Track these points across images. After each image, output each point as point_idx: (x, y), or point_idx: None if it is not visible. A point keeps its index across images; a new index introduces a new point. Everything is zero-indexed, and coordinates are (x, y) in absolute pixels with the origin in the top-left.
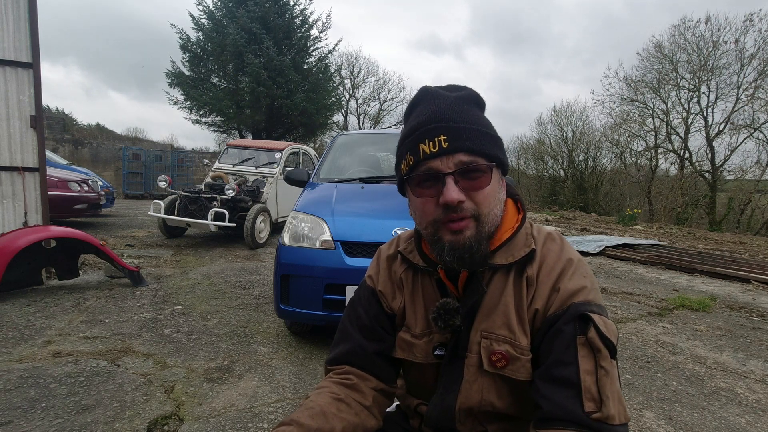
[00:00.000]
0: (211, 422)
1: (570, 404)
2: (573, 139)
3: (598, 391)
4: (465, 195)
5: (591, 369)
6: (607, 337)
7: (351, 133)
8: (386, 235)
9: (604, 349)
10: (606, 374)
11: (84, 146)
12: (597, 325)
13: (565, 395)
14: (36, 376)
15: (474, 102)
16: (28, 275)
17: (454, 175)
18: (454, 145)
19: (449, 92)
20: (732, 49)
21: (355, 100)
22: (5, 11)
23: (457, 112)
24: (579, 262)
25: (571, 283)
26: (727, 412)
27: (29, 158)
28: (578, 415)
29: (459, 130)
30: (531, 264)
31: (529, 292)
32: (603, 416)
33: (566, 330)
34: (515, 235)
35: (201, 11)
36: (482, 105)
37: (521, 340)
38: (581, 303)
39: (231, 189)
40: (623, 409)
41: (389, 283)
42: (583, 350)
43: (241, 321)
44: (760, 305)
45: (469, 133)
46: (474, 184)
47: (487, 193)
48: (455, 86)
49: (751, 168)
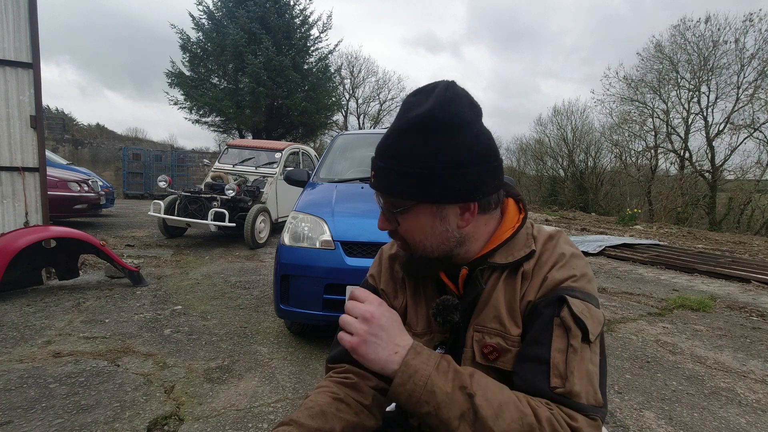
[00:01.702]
0: (211, 422)
1: (538, 380)
2: (573, 139)
3: (565, 368)
4: (396, 225)
5: (562, 348)
6: (580, 318)
7: (351, 133)
8: (386, 235)
9: (575, 328)
10: (575, 352)
11: (84, 146)
12: (570, 305)
13: (534, 372)
14: (36, 376)
15: (426, 128)
16: (28, 275)
17: (382, 207)
18: (376, 184)
19: (421, 102)
20: (732, 49)
21: (355, 100)
22: (5, 11)
23: (391, 146)
24: (572, 255)
25: (559, 273)
26: (727, 412)
27: (29, 158)
28: (544, 390)
29: (381, 170)
30: (528, 261)
31: (523, 285)
32: (565, 391)
33: (545, 312)
34: (515, 234)
35: (201, 11)
36: (444, 126)
37: (512, 330)
38: (564, 288)
39: (231, 189)
40: (593, 390)
41: (391, 282)
42: (558, 330)
43: (241, 321)
44: (760, 305)
45: (389, 174)
46: (395, 219)
47: (404, 230)
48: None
49: (751, 168)
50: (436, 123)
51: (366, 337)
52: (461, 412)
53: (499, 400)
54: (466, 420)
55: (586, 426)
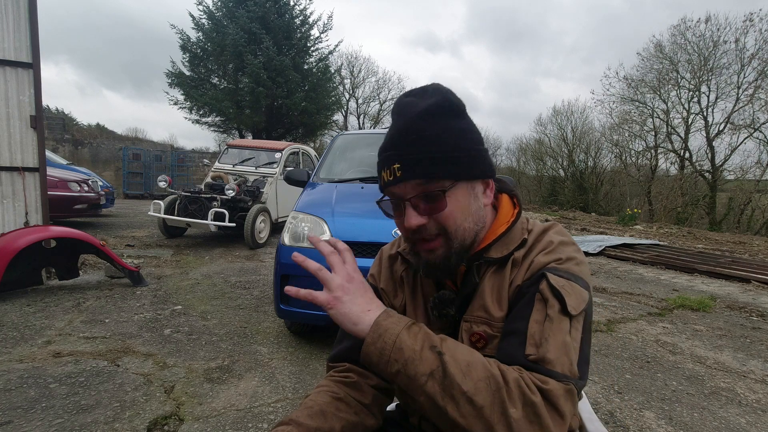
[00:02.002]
0: (211, 422)
1: (513, 350)
2: (573, 139)
3: (540, 337)
4: (427, 217)
5: (540, 319)
6: (557, 289)
7: (351, 133)
8: (386, 235)
9: (552, 299)
10: (551, 322)
11: (84, 146)
12: (549, 279)
13: (513, 343)
14: (36, 376)
15: (443, 112)
16: (28, 275)
17: (411, 200)
18: (406, 174)
19: (420, 100)
20: (732, 48)
21: (355, 100)
22: (5, 11)
23: (414, 133)
24: (561, 243)
25: (545, 258)
26: (727, 412)
27: (29, 158)
28: (517, 358)
29: (411, 157)
30: (519, 249)
31: (512, 273)
32: (538, 357)
33: (529, 291)
34: (510, 229)
35: (201, 11)
36: (455, 111)
37: (496, 314)
38: (548, 268)
39: (231, 189)
40: (568, 362)
41: (391, 281)
42: (538, 304)
43: (241, 321)
44: (760, 305)
45: (422, 159)
46: (433, 207)
47: (448, 212)
48: (430, 91)
49: (751, 168)
50: (451, 108)
51: (342, 296)
52: (430, 370)
53: (467, 360)
54: (434, 377)
55: (557, 388)
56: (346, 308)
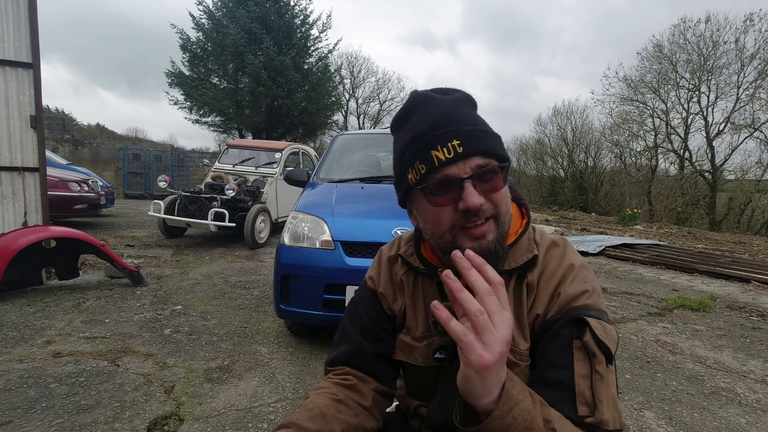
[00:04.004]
0: (211, 422)
1: (563, 407)
2: (573, 139)
3: (592, 396)
4: (484, 197)
5: (586, 373)
6: (604, 342)
7: (351, 133)
8: (386, 236)
9: (600, 354)
10: (601, 379)
11: (84, 146)
12: (593, 329)
13: (558, 398)
14: (36, 376)
15: (470, 103)
16: (28, 275)
17: (472, 179)
18: (468, 149)
19: (443, 95)
20: (732, 48)
21: (355, 100)
22: (5, 11)
23: (462, 114)
24: (581, 267)
25: (572, 288)
26: (727, 412)
27: (29, 158)
28: (571, 418)
29: (470, 133)
30: (532, 270)
31: (529, 297)
32: (596, 420)
33: (563, 333)
34: (518, 240)
35: (201, 11)
36: (476, 106)
37: (521, 344)
38: (580, 307)
39: (231, 189)
40: (618, 415)
41: (390, 285)
42: (579, 354)
43: (241, 321)
44: (760, 305)
45: (480, 135)
46: (490, 186)
47: (503, 192)
48: (446, 89)
49: (751, 168)
50: (474, 101)
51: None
52: None
53: None
54: None
55: None
56: (491, 376)
